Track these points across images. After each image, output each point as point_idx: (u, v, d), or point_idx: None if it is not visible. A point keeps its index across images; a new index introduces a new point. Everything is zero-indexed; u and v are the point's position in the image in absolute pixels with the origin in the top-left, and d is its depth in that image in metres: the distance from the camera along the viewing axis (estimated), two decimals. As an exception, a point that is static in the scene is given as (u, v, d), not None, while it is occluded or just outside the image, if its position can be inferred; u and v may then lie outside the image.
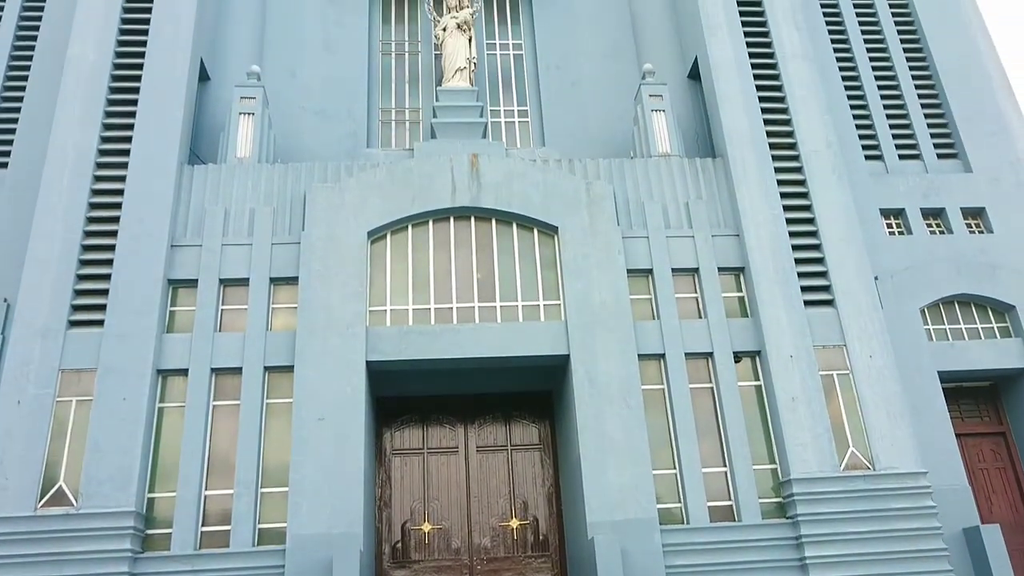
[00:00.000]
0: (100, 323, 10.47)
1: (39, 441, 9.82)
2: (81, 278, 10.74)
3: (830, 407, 10.75)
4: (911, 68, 14.34)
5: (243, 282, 11.00)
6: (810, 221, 11.86)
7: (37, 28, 13.51)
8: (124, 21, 12.32)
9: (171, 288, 10.98)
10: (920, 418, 11.29)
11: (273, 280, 11.04)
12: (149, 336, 10.39)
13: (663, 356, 10.98)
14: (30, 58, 13.26)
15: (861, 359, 11.02)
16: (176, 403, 10.41)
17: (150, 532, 9.81)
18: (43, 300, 10.50)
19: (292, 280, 11.02)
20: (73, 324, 10.48)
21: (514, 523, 11.66)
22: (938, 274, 12.42)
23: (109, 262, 10.81)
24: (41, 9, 13.72)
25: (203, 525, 9.86)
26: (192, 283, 10.96)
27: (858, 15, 14.84)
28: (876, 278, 11.81)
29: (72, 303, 10.55)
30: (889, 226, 13.05)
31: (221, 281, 10.97)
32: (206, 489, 10.02)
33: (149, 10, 12.41)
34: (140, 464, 9.81)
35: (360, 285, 10.87)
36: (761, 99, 12.59)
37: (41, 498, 9.62)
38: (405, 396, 12.01)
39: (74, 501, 9.63)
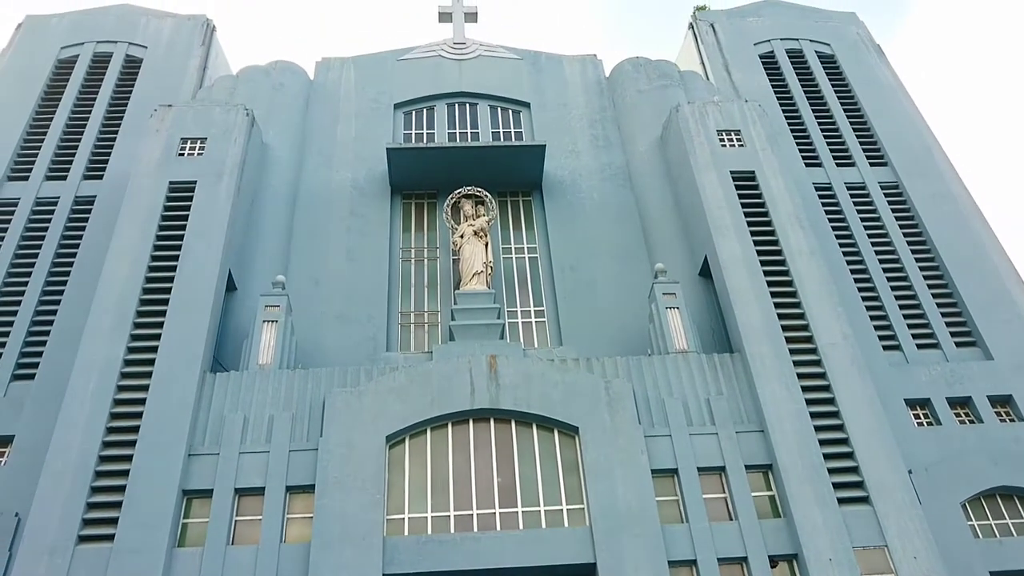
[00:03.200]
0: (110, 538, 10.17)
1: (35, 671, 9.23)
2: (95, 490, 10.58)
3: (882, 620, 10.01)
4: (917, 261, 14.72)
5: (259, 491, 10.78)
6: (835, 414, 11.68)
7: (76, 247, 14.27)
8: (159, 238, 13.02)
9: (185, 499, 10.76)
10: (977, 625, 10.46)
11: (289, 488, 10.82)
12: (159, 551, 10.04)
13: (695, 563, 10.42)
14: (67, 275, 13.88)
15: (905, 560, 10.41)
16: (183, 626, 9.87)
17: None
18: (54, 515, 10.28)
19: (309, 488, 10.79)
20: (83, 539, 10.19)
21: None
22: (975, 466, 12.00)
23: (125, 473, 10.69)
24: (83, 228, 14.57)
25: None
26: (207, 493, 10.75)
27: (859, 212, 15.47)
28: (910, 472, 11.40)
29: (84, 517, 10.32)
30: (916, 416, 12.80)
31: (236, 491, 10.76)
32: None
33: (183, 228, 13.14)
34: None
35: (378, 492, 10.61)
36: (773, 294, 12.83)
37: None
38: (424, 610, 11.32)
39: None
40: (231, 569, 10.13)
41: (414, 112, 17.71)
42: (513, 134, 17.44)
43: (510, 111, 17.86)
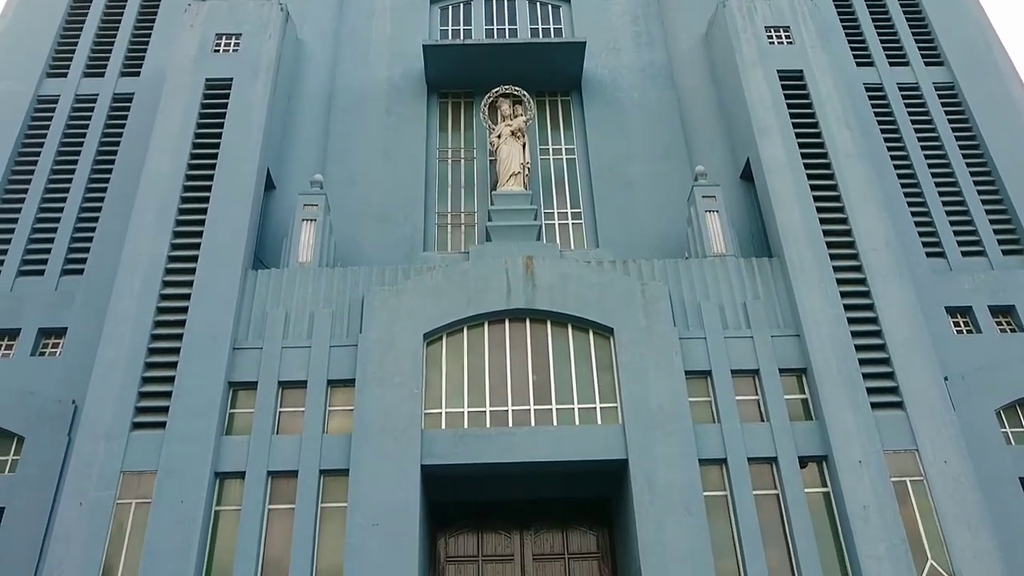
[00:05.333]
0: (162, 425, 10.65)
1: (98, 543, 9.87)
2: (146, 380, 11.01)
3: (904, 516, 10.21)
4: (968, 165, 14.22)
5: (301, 384, 11.13)
6: (873, 320, 11.59)
7: (117, 144, 14.39)
8: (198, 136, 13.04)
9: (231, 390, 11.16)
10: (1003, 528, 10.59)
11: (330, 383, 11.15)
12: (209, 438, 10.51)
13: (725, 461, 10.64)
14: (109, 171, 14.06)
15: (935, 465, 10.51)
16: (232, 506, 10.41)
17: (201, 641, 9.65)
18: (109, 403, 10.75)
19: (349, 383, 11.11)
20: (136, 426, 10.68)
21: (572, 638, 11.16)
22: (1012, 374, 11.92)
23: (174, 365, 11.07)
24: (123, 125, 14.65)
25: (255, 634, 9.68)
26: (252, 385, 11.13)
27: (911, 114, 14.88)
28: (946, 379, 11.37)
29: (136, 405, 10.78)
30: (956, 325, 12.66)
31: (280, 383, 11.13)
32: (259, 596, 9.88)
33: (221, 125, 13.13)
34: (195, 568, 9.75)
35: (416, 387, 10.90)
36: (816, 198, 12.57)
37: (97, 603, 9.59)
38: (460, 501, 11.78)
39: (129, 607, 9.57)
40: (276, 457, 10.59)
41: (451, 7, 17.22)
42: (552, 31, 16.92)
43: (549, 7, 17.27)
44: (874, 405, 10.94)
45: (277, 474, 10.55)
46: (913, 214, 13.64)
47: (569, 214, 14.51)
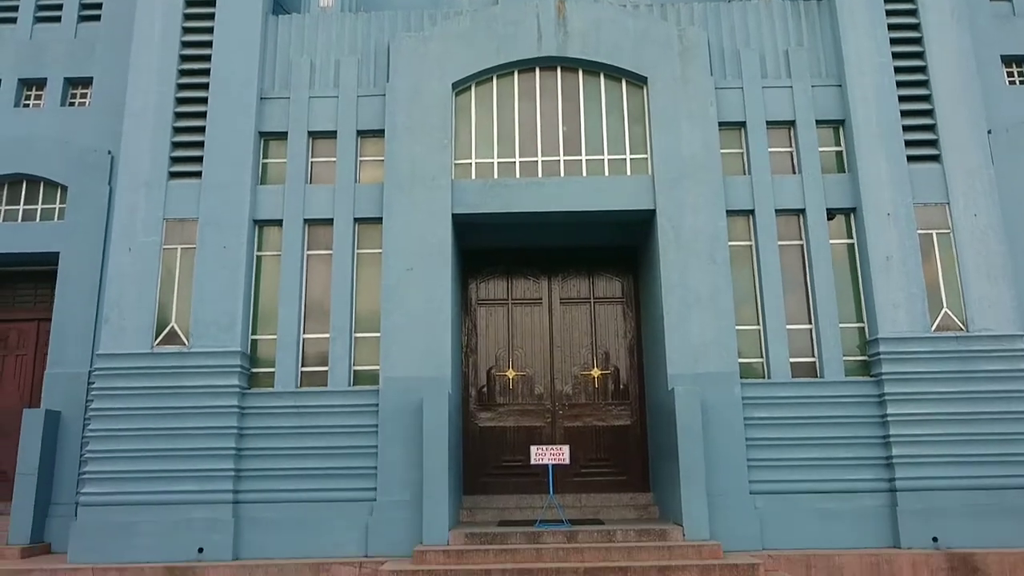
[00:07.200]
0: (198, 175, 10.84)
1: (150, 286, 10.48)
2: (177, 131, 11.05)
3: (926, 267, 10.40)
4: None
5: (331, 135, 11.12)
6: (921, 70, 11.05)
7: None
8: None
9: (262, 140, 11.21)
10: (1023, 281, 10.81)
11: (360, 132, 11.12)
12: (244, 187, 10.73)
13: (752, 212, 10.73)
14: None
15: (964, 218, 10.51)
16: (273, 252, 10.87)
17: (255, 370, 10.52)
18: (144, 152, 10.89)
19: (379, 133, 11.08)
20: (173, 176, 10.89)
21: (595, 372, 12.00)
22: (1060, 126, 11.51)
23: (203, 115, 11.05)
24: None
25: (303, 366, 10.51)
26: (282, 135, 11.15)
27: None
28: (989, 132, 11.04)
29: (171, 155, 10.91)
30: (1010, 75, 12.05)
31: (310, 134, 11.13)
32: (304, 333, 10.59)
33: None
34: (243, 308, 10.40)
35: (445, 137, 10.85)
36: (875, -68, 11.46)
37: (156, 337, 10.37)
38: (490, 249, 12.19)
39: (186, 341, 10.36)
40: (311, 204, 10.86)
41: None
42: None
43: None
44: (910, 158, 10.74)
45: (313, 222, 10.87)
46: (981, -49, 12.48)
47: (605, -48, 13.47)
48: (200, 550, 9.63)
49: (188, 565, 9.40)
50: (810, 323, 10.52)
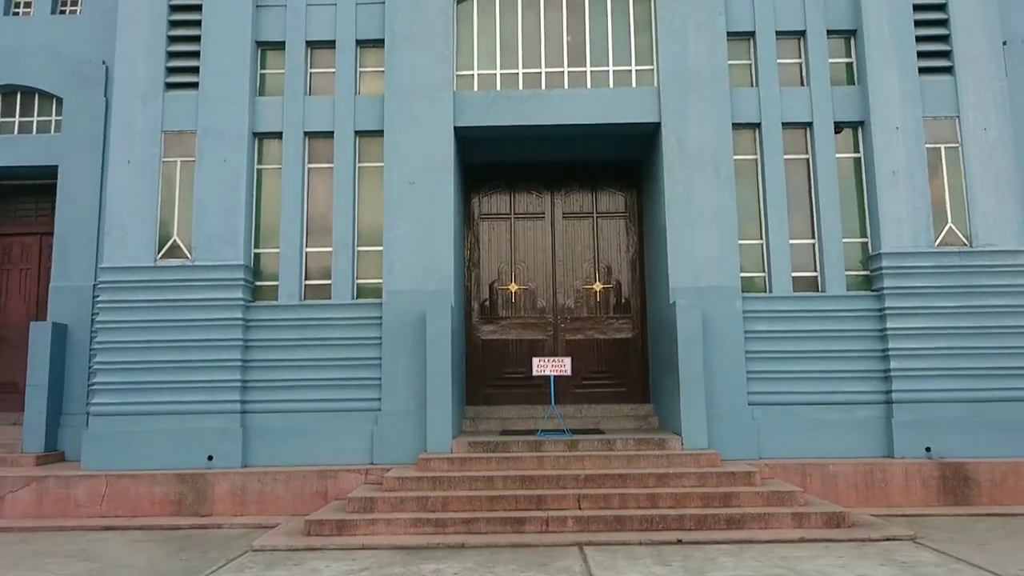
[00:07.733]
0: (195, 85, 10.64)
1: (151, 199, 10.42)
2: (172, 39, 10.79)
3: (933, 182, 10.31)
4: None
5: (330, 44, 10.86)
6: (937, -24, 10.70)
7: None
8: None
9: (260, 50, 10.96)
10: (1031, 195, 10.72)
11: (359, 42, 10.86)
12: (243, 99, 10.55)
13: (759, 126, 10.57)
14: None
15: (974, 132, 10.35)
16: (273, 165, 10.76)
17: (259, 284, 10.56)
18: (138, 63, 10.66)
19: (379, 42, 10.82)
20: (170, 87, 10.69)
21: (597, 286, 12.05)
22: (1077, 38, 11.21)
23: (198, 23, 10.76)
24: None
25: (306, 279, 10.55)
26: (280, 45, 10.90)
27: None
28: (1004, 43, 10.76)
29: (167, 65, 10.69)
30: (1029, -17, 11.66)
31: (308, 43, 10.86)
32: (307, 247, 10.59)
33: None
34: (245, 222, 10.37)
35: (447, 48, 10.60)
36: None
37: (159, 251, 10.38)
38: (493, 163, 12.08)
39: (188, 254, 10.37)
40: (311, 117, 10.69)
41: None
42: None
43: None
44: (922, 70, 10.51)
45: (313, 134, 10.73)
46: None
47: None
48: (210, 458, 9.88)
49: (198, 472, 9.65)
50: (813, 238, 10.50)
